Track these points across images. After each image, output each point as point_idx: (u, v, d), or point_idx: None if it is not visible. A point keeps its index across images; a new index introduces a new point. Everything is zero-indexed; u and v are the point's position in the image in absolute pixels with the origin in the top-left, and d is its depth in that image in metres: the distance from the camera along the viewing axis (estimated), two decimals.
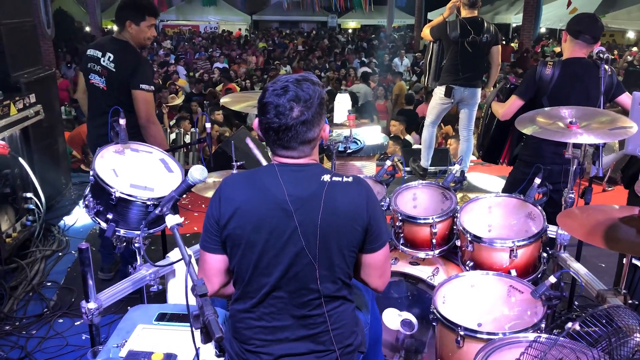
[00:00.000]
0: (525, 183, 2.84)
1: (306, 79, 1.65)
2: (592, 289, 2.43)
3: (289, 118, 1.60)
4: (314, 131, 1.65)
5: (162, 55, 17.06)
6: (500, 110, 3.30)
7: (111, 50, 3.20)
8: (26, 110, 4.04)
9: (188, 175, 1.79)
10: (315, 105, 1.63)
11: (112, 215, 2.44)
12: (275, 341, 1.71)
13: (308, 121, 1.62)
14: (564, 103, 2.97)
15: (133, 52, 3.23)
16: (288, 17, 29.49)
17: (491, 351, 1.76)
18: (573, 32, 3.12)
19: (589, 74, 3.09)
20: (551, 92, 3.09)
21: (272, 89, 1.64)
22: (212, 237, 1.71)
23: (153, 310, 2.13)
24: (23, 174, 4.06)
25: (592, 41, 3.09)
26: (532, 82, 3.16)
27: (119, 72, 3.16)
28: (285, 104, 1.60)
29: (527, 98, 3.17)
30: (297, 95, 1.60)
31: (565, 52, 3.20)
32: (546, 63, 3.14)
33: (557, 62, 3.15)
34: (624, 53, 14.64)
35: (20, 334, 3.15)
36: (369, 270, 1.78)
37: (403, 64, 15.17)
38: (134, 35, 3.24)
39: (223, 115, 8.09)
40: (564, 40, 3.19)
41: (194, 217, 4.79)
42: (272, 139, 1.67)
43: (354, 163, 4.39)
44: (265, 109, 1.63)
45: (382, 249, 1.75)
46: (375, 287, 1.83)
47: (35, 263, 3.90)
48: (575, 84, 3.10)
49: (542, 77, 3.11)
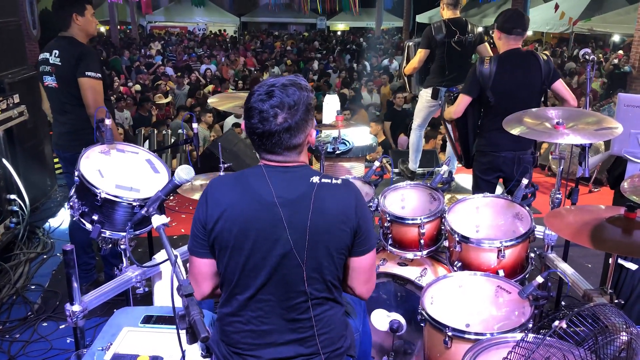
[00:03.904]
0: (483, 173, 3.37)
1: (293, 84, 1.62)
2: (579, 289, 2.44)
3: (273, 124, 1.58)
4: (299, 137, 1.63)
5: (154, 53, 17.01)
6: (452, 110, 3.48)
7: (57, 47, 3.21)
8: (10, 111, 3.99)
9: (175, 175, 1.78)
10: (301, 112, 1.60)
11: (97, 217, 2.41)
12: (263, 345, 1.69)
13: (292, 128, 1.59)
14: (507, 92, 3.25)
15: (77, 44, 3.22)
16: (277, 18, 29.50)
17: (479, 351, 1.76)
18: (506, 29, 3.32)
19: (527, 61, 3.31)
20: (493, 85, 3.27)
21: (257, 93, 1.61)
22: (200, 242, 1.69)
23: (139, 312, 2.10)
24: (7, 176, 4.01)
25: (522, 33, 3.33)
26: (474, 80, 3.34)
27: (65, 65, 3.16)
28: (269, 110, 1.57)
29: (474, 95, 3.36)
30: (282, 101, 1.58)
31: (501, 47, 3.38)
32: (483, 60, 3.33)
33: (494, 58, 3.34)
34: (609, 56, 14.82)
35: (4, 337, 3.11)
36: (356, 275, 1.76)
37: (392, 66, 15.21)
38: (82, 27, 3.25)
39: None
40: (498, 37, 3.38)
41: (181, 219, 4.75)
42: (257, 144, 1.65)
43: (343, 164, 4.38)
44: (250, 113, 1.61)
45: (369, 253, 1.73)
46: (361, 293, 1.80)
47: (19, 266, 3.84)
48: (515, 72, 3.29)
49: (482, 73, 3.30)
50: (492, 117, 3.29)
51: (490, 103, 3.28)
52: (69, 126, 3.27)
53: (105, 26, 24.32)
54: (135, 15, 24.61)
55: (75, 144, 3.20)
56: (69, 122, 3.26)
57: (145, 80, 12.21)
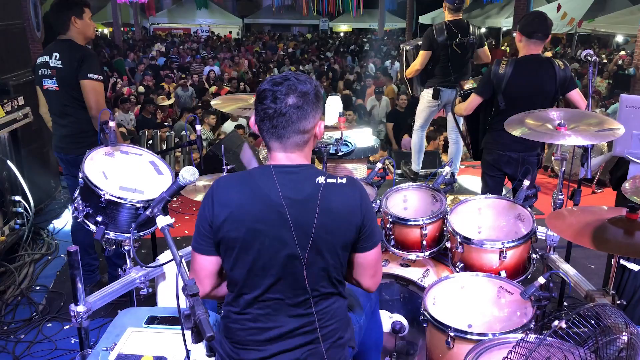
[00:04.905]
0: (489, 170, 3.40)
1: (305, 75, 1.71)
2: (581, 290, 2.45)
3: (284, 104, 1.62)
4: (309, 121, 1.66)
5: (157, 55, 17.02)
6: (463, 107, 3.50)
7: (57, 50, 3.22)
8: (15, 113, 4.01)
9: (179, 176, 1.79)
10: (312, 97, 1.66)
11: (101, 218, 2.43)
12: (269, 340, 1.71)
13: (302, 108, 1.64)
14: (518, 98, 3.22)
15: (78, 47, 3.24)
16: (280, 20, 29.52)
17: (481, 352, 1.77)
18: (527, 32, 3.28)
19: (544, 69, 3.27)
20: (505, 89, 3.27)
21: (271, 78, 1.68)
22: (205, 239, 1.70)
23: (143, 313, 2.12)
24: (11, 177, 4.03)
25: (544, 38, 3.29)
26: (488, 81, 3.34)
27: (67, 67, 3.17)
28: (282, 90, 1.63)
29: (486, 95, 3.37)
30: (295, 84, 1.64)
31: (521, 51, 3.36)
32: (500, 62, 3.31)
33: (511, 61, 3.31)
34: (613, 57, 14.78)
35: (9, 338, 3.12)
36: (362, 270, 1.79)
37: (394, 68, 15.21)
38: (81, 30, 3.26)
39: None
40: (519, 40, 3.35)
41: (185, 220, 4.77)
42: (267, 127, 1.66)
43: (345, 165, 4.39)
44: (263, 95, 1.65)
45: (374, 249, 1.76)
46: (368, 287, 1.84)
47: (23, 267, 3.87)
48: (530, 80, 3.27)
49: (496, 75, 3.29)
50: (501, 117, 3.28)
51: (500, 107, 3.29)
52: (71, 129, 3.28)
53: (109, 28, 24.41)
54: (139, 17, 24.69)
55: (77, 146, 3.22)
56: (70, 125, 3.28)
57: (149, 82, 12.24)
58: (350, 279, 1.84)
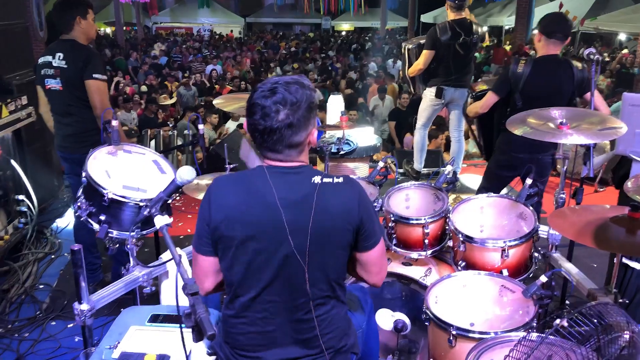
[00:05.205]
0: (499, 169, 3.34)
1: (296, 82, 1.64)
2: (583, 288, 2.45)
3: (275, 121, 1.59)
4: (301, 135, 1.64)
5: (159, 54, 17.04)
6: (479, 104, 3.48)
7: (60, 50, 3.22)
8: (18, 113, 4.02)
9: (176, 176, 1.79)
10: (303, 109, 1.61)
11: (104, 217, 2.44)
12: (268, 345, 1.70)
13: (294, 125, 1.61)
14: (535, 98, 3.18)
15: (82, 47, 3.25)
16: (282, 19, 29.53)
17: (483, 350, 1.77)
18: (547, 32, 3.26)
19: (563, 69, 3.25)
20: (523, 88, 3.24)
21: (260, 90, 1.63)
22: (204, 240, 1.70)
23: (146, 311, 2.13)
24: (15, 176, 4.05)
25: (564, 39, 3.28)
26: (505, 79, 3.32)
27: (72, 67, 3.18)
28: (271, 106, 1.59)
29: (502, 94, 3.34)
30: (285, 98, 1.59)
31: (540, 50, 3.34)
32: (519, 61, 3.30)
33: (530, 60, 3.29)
34: (616, 55, 14.74)
35: (13, 336, 3.14)
36: (366, 267, 1.78)
37: (395, 66, 15.19)
38: (85, 30, 3.27)
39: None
40: (538, 40, 3.33)
41: (187, 219, 4.78)
42: (259, 141, 1.66)
43: (347, 164, 4.40)
44: (252, 110, 1.62)
45: (376, 246, 1.74)
46: (374, 282, 1.83)
47: (27, 266, 3.88)
48: (549, 80, 3.25)
49: (515, 74, 3.27)
50: None
51: (517, 106, 3.25)
52: (74, 128, 3.29)
53: (111, 27, 24.44)
54: (141, 16, 24.72)
55: (81, 145, 3.23)
56: (74, 124, 3.28)
57: (152, 81, 12.27)
58: (356, 275, 1.84)
